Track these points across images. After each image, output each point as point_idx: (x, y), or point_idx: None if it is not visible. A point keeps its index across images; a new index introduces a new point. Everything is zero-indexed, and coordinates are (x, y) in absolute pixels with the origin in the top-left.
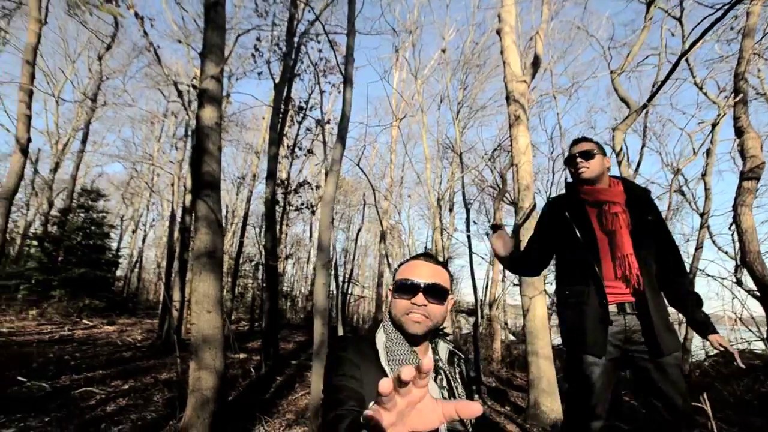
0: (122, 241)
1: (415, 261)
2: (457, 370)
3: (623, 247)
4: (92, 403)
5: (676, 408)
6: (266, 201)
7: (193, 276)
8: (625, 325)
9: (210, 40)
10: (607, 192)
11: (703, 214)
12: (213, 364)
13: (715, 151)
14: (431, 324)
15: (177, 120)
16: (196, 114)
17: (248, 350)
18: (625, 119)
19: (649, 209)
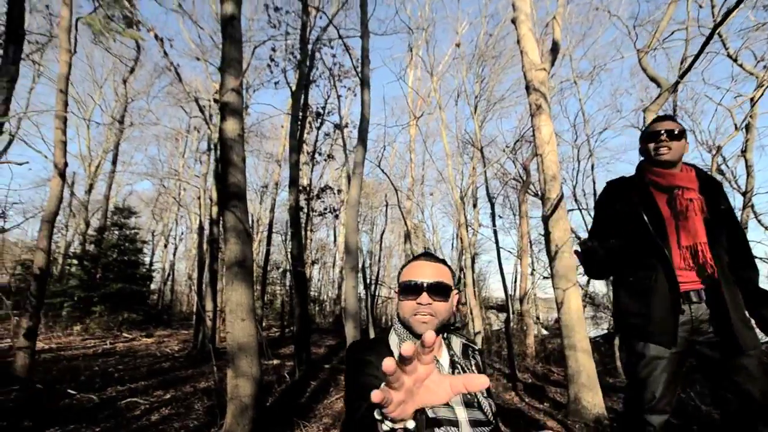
0: (154, 256)
1: (416, 262)
2: (472, 362)
3: (697, 234)
4: (137, 413)
5: (753, 400)
6: (290, 208)
7: (226, 285)
8: (691, 315)
9: (228, 55)
10: (682, 177)
11: (746, 193)
12: (250, 371)
13: (755, 125)
14: (437, 321)
15: (199, 135)
16: (219, 127)
17: (281, 356)
18: (656, 99)
19: (723, 199)
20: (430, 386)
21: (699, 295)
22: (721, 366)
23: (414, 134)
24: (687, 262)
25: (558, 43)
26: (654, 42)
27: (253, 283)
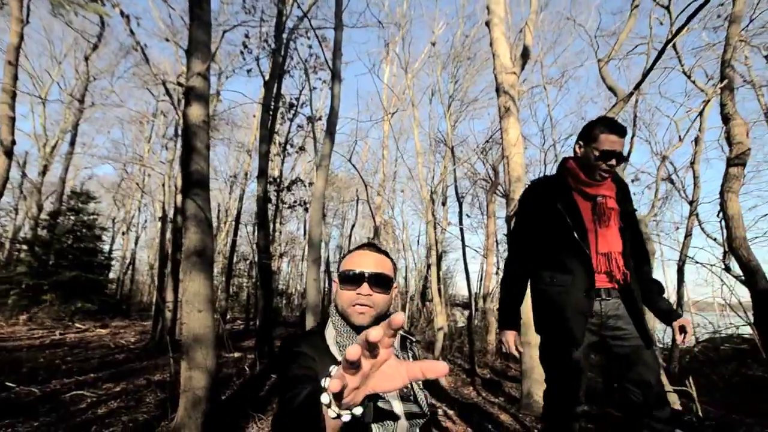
0: (114, 244)
1: (359, 251)
2: (410, 354)
3: (612, 244)
4: (83, 407)
5: (650, 388)
6: (258, 199)
7: (183, 275)
8: (601, 311)
9: (196, 37)
10: (604, 186)
11: (692, 202)
12: (204, 363)
13: (703, 139)
14: (375, 313)
15: (167, 119)
16: (183, 112)
17: (243, 349)
18: (613, 107)
19: (629, 201)
20: (386, 371)
21: (608, 292)
22: (624, 359)
23: (387, 130)
24: (601, 267)
25: (529, 48)
26: (614, 53)
27: (213, 274)
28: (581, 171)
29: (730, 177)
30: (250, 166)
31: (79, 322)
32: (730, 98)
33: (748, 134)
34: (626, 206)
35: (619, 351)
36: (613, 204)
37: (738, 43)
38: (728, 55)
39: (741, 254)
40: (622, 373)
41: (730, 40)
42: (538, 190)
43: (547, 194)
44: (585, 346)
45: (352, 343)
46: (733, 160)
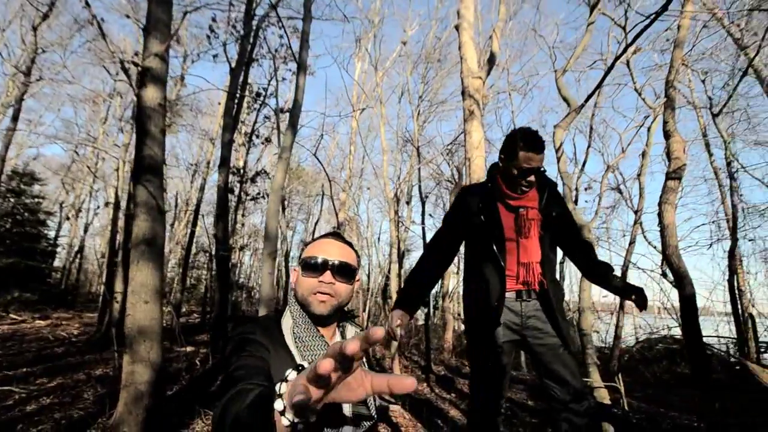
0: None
1: (324, 239)
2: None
3: (531, 254)
4: (9, 404)
5: (568, 384)
6: (219, 189)
7: (131, 264)
8: (521, 311)
9: (154, 15)
10: (527, 197)
11: (637, 212)
12: (148, 356)
13: (649, 153)
14: (336, 303)
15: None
16: (137, 94)
17: (197, 343)
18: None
19: (558, 202)
20: (351, 382)
21: (529, 294)
22: (543, 356)
23: (356, 127)
24: (520, 277)
25: (495, 54)
26: (570, 65)
27: (163, 264)
28: (504, 183)
29: (668, 189)
30: (213, 155)
31: (14, 313)
32: (671, 116)
33: (685, 151)
34: (553, 209)
35: (538, 349)
36: (534, 215)
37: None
38: (671, 76)
39: (673, 261)
40: (541, 370)
41: (674, 63)
42: (468, 197)
43: (475, 203)
44: (505, 343)
45: (309, 334)
46: (671, 174)
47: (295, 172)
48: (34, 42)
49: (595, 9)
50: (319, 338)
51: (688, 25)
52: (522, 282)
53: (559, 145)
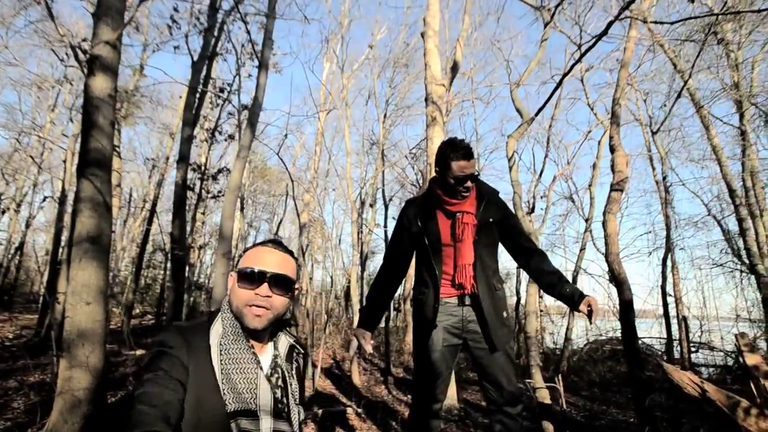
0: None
1: (262, 247)
2: (294, 366)
3: (465, 257)
4: None
5: (502, 388)
6: (176, 185)
7: (72, 263)
8: (462, 316)
9: (105, 1)
10: (466, 203)
11: (588, 220)
12: (87, 361)
13: (599, 165)
14: (272, 316)
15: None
16: (85, 83)
17: (149, 346)
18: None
19: (497, 209)
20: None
21: (463, 299)
22: (481, 360)
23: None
24: (457, 279)
25: (458, 63)
26: (524, 78)
27: (108, 263)
28: (443, 192)
29: (611, 200)
30: (173, 151)
31: None
32: (616, 132)
33: (628, 164)
34: (490, 215)
35: (476, 353)
36: (469, 219)
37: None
38: (617, 94)
39: (614, 267)
40: (480, 373)
41: (620, 82)
42: (409, 209)
43: (415, 213)
44: (445, 347)
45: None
46: (614, 186)
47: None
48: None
49: (548, 26)
50: (247, 351)
51: (632, 48)
52: (457, 284)
53: (512, 154)
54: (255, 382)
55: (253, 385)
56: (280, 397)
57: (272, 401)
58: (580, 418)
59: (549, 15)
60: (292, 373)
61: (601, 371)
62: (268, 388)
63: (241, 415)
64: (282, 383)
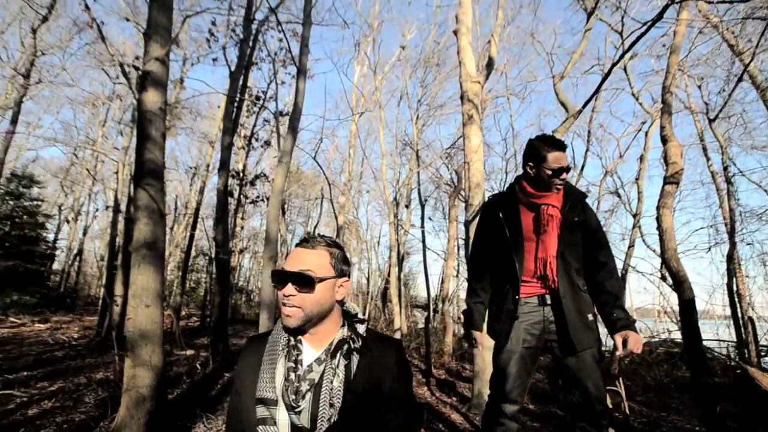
0: (60, 233)
1: (295, 248)
2: (342, 362)
3: (549, 249)
4: (11, 407)
5: (589, 394)
6: (218, 192)
7: (132, 268)
8: (543, 316)
9: (155, 20)
10: (552, 197)
11: (636, 215)
12: (150, 360)
13: (647, 158)
14: (304, 315)
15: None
16: (138, 98)
17: (197, 346)
18: (563, 123)
19: (582, 211)
20: None
21: (544, 299)
22: (564, 362)
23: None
24: (539, 272)
25: (493, 59)
26: (568, 71)
27: (164, 268)
28: (533, 187)
29: (666, 194)
30: (213, 158)
31: (14, 316)
32: (668, 121)
33: (682, 155)
34: (575, 216)
35: (560, 356)
36: (555, 212)
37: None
38: (668, 82)
39: (672, 265)
40: (565, 376)
41: (670, 69)
42: (489, 206)
43: (496, 209)
44: (525, 348)
45: (275, 342)
46: (668, 179)
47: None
48: (33, 45)
49: (592, 15)
50: (280, 344)
51: (683, 31)
52: (539, 276)
53: None
54: (274, 371)
55: (272, 374)
56: (302, 392)
57: (285, 393)
58: (638, 425)
59: (592, 3)
60: (336, 370)
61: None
62: (282, 379)
63: (262, 403)
64: (317, 382)
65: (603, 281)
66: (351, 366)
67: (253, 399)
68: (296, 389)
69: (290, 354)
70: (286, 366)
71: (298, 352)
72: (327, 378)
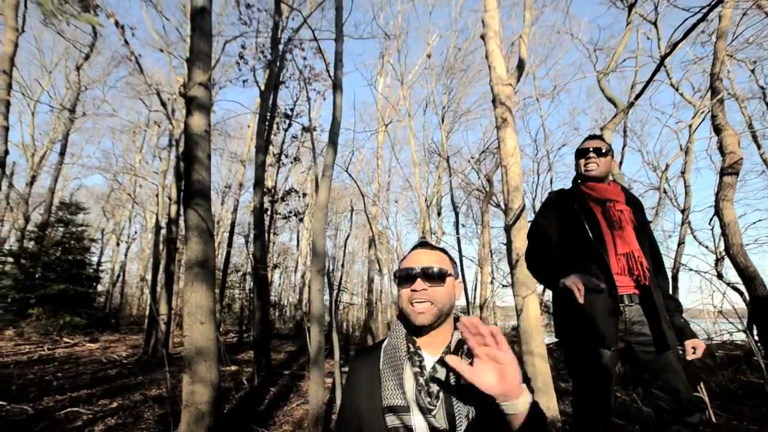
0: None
1: (413, 252)
2: (465, 361)
3: (631, 242)
4: (79, 424)
5: (680, 396)
6: (254, 209)
7: (185, 286)
8: (626, 317)
9: (197, 47)
10: (611, 190)
11: (684, 210)
12: (208, 376)
13: (693, 150)
14: (436, 310)
15: (160, 130)
16: (185, 122)
17: (239, 362)
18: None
19: (643, 213)
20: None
21: (631, 298)
22: (651, 365)
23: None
24: (623, 268)
25: (524, 60)
26: (611, 66)
27: (215, 285)
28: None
29: (725, 186)
30: (244, 177)
31: (67, 337)
32: (721, 110)
33: (739, 144)
34: (641, 216)
35: (645, 357)
36: (623, 207)
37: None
38: (717, 69)
39: (739, 260)
40: (649, 380)
41: (718, 55)
42: (557, 198)
43: (565, 201)
44: (614, 351)
45: (395, 347)
46: (727, 170)
47: None
48: (77, 81)
49: (634, 8)
50: (402, 348)
51: (730, 14)
52: (626, 273)
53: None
54: (401, 377)
55: (399, 380)
56: (434, 392)
57: (419, 397)
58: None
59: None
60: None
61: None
62: (413, 382)
63: (391, 411)
64: (445, 381)
65: (664, 286)
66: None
67: (378, 410)
68: (428, 391)
69: (413, 359)
70: (413, 371)
71: (420, 357)
72: (454, 377)
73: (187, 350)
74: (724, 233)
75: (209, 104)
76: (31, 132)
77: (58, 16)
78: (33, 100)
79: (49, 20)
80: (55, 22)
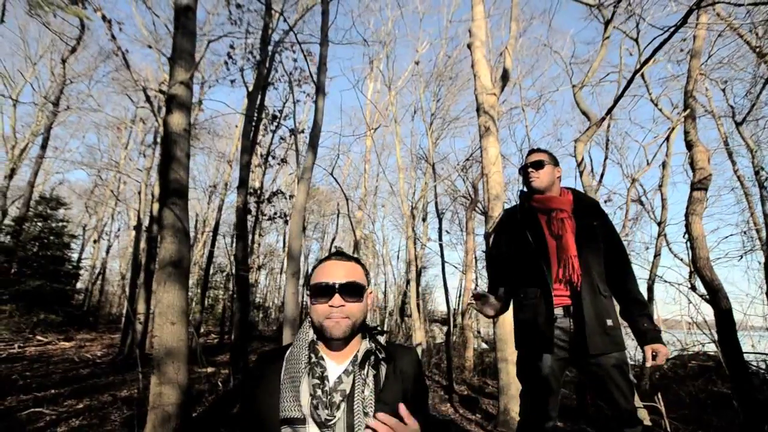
0: (84, 252)
1: (328, 261)
2: (370, 373)
3: (568, 249)
4: (41, 425)
5: (619, 407)
6: (238, 210)
7: (158, 286)
8: (569, 327)
9: (180, 46)
10: (556, 200)
11: (660, 223)
12: (176, 378)
13: (670, 164)
14: (351, 323)
15: (146, 127)
16: (164, 120)
17: (217, 364)
18: (586, 131)
19: (596, 216)
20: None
21: (566, 310)
22: (593, 375)
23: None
24: (563, 276)
25: (509, 71)
26: (588, 80)
27: (188, 285)
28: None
29: (694, 200)
30: (230, 177)
31: (40, 335)
32: (693, 126)
33: (709, 160)
34: (592, 220)
35: (589, 369)
36: (564, 215)
37: (698, 76)
38: (690, 86)
39: (705, 274)
40: (595, 391)
41: (692, 73)
42: (507, 216)
43: (515, 216)
44: (556, 360)
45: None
46: (696, 185)
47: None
48: (62, 74)
49: (610, 24)
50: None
51: (704, 35)
52: (565, 282)
53: (581, 159)
54: (298, 390)
55: (296, 392)
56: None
57: (313, 411)
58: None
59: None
60: (367, 380)
61: (691, 391)
62: (309, 397)
63: (287, 423)
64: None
65: (628, 289)
66: (380, 376)
67: (276, 421)
68: (329, 401)
69: (314, 371)
70: (311, 383)
71: (322, 368)
72: (358, 388)
73: (156, 351)
74: (692, 247)
75: (190, 103)
76: (12, 124)
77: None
78: (15, 93)
79: (35, 11)
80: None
